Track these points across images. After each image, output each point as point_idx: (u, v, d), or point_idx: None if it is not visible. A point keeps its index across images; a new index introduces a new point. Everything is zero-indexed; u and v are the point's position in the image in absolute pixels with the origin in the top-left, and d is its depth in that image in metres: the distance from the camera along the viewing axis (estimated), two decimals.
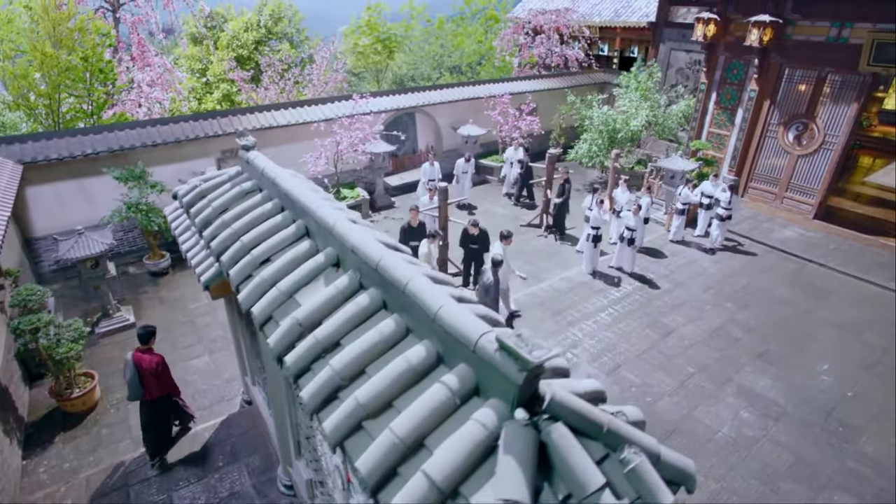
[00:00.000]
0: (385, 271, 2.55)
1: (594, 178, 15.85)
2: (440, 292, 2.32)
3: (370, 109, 13.25)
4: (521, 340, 1.88)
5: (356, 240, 2.82)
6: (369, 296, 2.63)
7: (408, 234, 9.67)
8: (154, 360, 5.90)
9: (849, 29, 11.12)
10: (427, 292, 2.32)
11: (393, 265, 2.54)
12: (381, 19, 23.45)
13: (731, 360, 8.27)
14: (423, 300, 2.30)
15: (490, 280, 7.86)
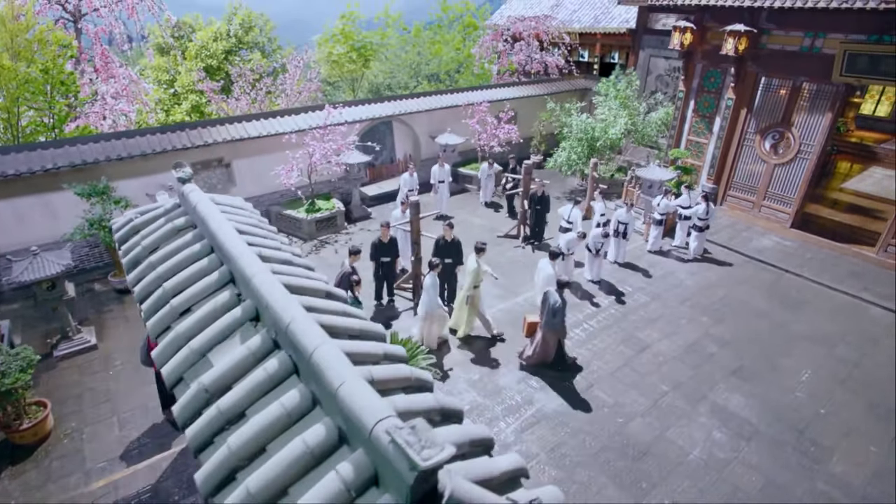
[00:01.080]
0: (293, 336, 2.36)
1: (574, 185, 15.76)
2: (344, 366, 2.13)
3: (344, 119, 13.05)
4: (414, 435, 1.70)
5: (270, 296, 2.63)
6: (279, 361, 2.44)
7: (379, 249, 9.48)
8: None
9: (822, 39, 11.10)
10: (331, 365, 2.14)
11: (301, 330, 2.35)
12: (355, 27, 23.19)
13: (706, 377, 8.17)
14: (325, 374, 2.12)
15: (558, 302, 7.57)
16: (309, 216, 12.75)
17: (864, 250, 11.65)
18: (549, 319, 7.64)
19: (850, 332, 9.31)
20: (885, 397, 7.83)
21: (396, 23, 25.60)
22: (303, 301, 2.84)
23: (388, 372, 2.46)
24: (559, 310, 7.56)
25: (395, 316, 9.84)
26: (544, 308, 7.75)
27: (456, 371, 8.25)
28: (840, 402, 7.73)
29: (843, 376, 8.28)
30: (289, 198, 13.16)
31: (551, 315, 7.59)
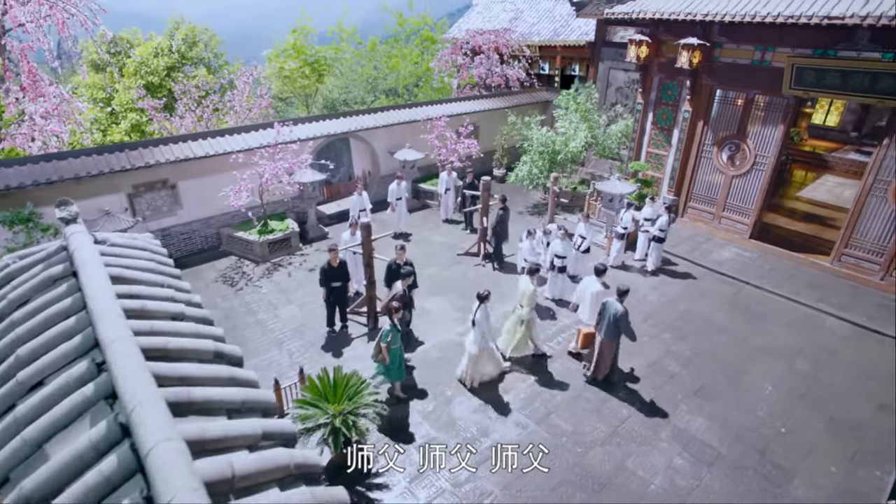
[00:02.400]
0: (133, 427, 1.93)
1: (537, 200, 15.59)
2: (181, 473, 1.71)
3: (297, 137, 12.58)
4: None
5: (120, 370, 2.19)
6: (119, 458, 2.00)
7: (328, 275, 9.02)
8: None
9: (771, 53, 11.21)
10: (164, 470, 1.72)
11: (142, 420, 1.92)
12: (308, 42, 22.70)
13: (667, 398, 7.95)
14: (156, 483, 1.70)
15: (620, 311, 7.60)
16: (261, 238, 12.20)
17: (820, 259, 11.73)
18: (609, 329, 7.70)
19: (808, 345, 9.26)
20: (843, 411, 7.75)
21: (351, 37, 25.15)
22: (175, 371, 2.41)
23: (257, 463, 2.06)
24: (621, 318, 7.63)
25: (348, 343, 9.37)
26: (602, 319, 7.81)
27: (403, 402, 7.84)
28: (800, 419, 7.60)
29: (802, 391, 8.17)
30: (241, 219, 12.58)
31: (612, 324, 7.66)
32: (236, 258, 12.50)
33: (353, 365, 8.65)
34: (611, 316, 7.67)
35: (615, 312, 7.63)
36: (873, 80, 9.87)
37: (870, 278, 10.99)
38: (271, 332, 9.71)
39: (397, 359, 7.51)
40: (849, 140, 19.15)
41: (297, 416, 6.35)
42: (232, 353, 2.96)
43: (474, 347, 7.84)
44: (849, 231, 11.14)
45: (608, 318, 7.72)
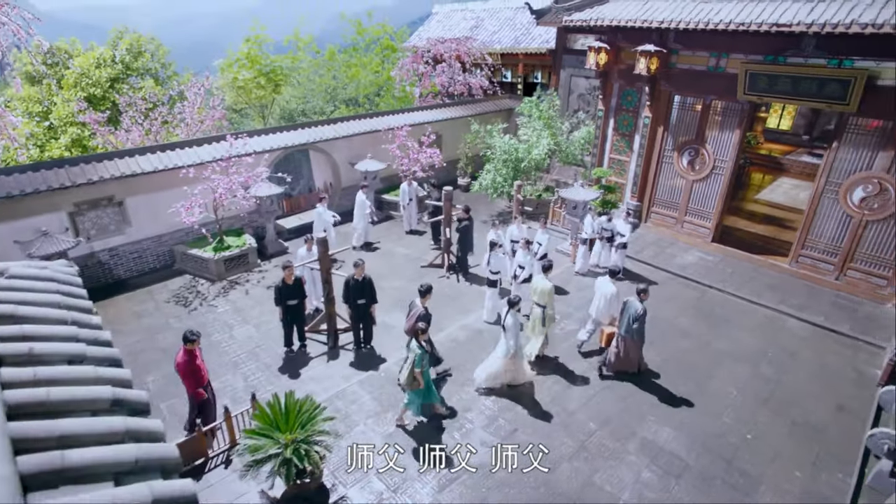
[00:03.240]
0: None
1: (503, 208, 15.47)
2: None
3: (252, 149, 12.15)
4: None
5: None
6: None
7: (283, 293, 8.63)
8: (179, 355, 6.80)
9: (725, 59, 11.37)
10: None
11: None
12: (262, 51, 22.19)
13: (634, 409, 7.82)
14: None
15: (639, 311, 7.82)
16: (216, 255, 11.69)
17: (779, 261, 11.91)
18: (630, 327, 7.92)
19: (770, 348, 9.31)
20: (806, 414, 7.77)
21: (308, 46, 24.64)
22: (49, 430, 2.07)
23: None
24: (640, 318, 7.84)
25: (306, 363, 8.97)
26: (623, 318, 8.05)
27: (357, 418, 7.49)
28: (765, 424, 7.57)
29: (766, 395, 8.17)
30: (195, 236, 12.04)
31: (632, 323, 7.88)
32: (191, 277, 11.94)
33: (310, 386, 8.33)
34: (630, 315, 7.93)
35: (634, 312, 7.90)
36: (821, 86, 10.10)
37: (825, 278, 11.19)
38: (226, 353, 9.24)
39: (428, 380, 7.21)
40: (801, 143, 19.74)
41: (245, 448, 5.96)
42: (136, 399, 2.61)
43: (504, 353, 7.81)
44: (805, 232, 11.34)
45: (628, 316, 7.96)
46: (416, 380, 6.95)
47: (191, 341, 6.73)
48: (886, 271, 10.47)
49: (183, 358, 6.74)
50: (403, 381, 7.02)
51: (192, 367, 6.80)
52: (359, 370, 8.69)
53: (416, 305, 7.89)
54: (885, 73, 9.50)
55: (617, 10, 12.05)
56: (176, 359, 6.81)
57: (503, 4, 20.74)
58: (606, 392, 8.11)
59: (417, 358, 6.85)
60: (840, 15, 9.03)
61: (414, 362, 6.85)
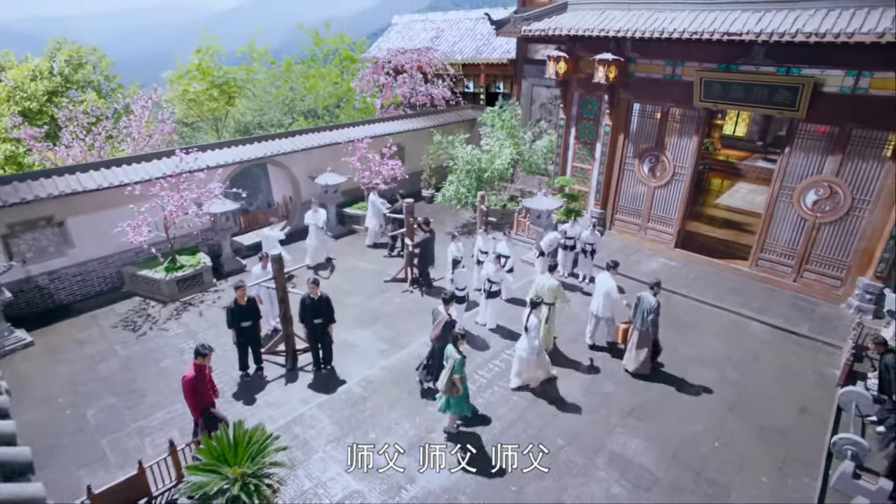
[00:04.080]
0: None
1: (467, 219, 15.31)
2: None
3: (206, 164, 11.66)
4: None
5: None
6: None
7: (235, 314, 8.19)
8: (188, 373, 6.52)
9: (681, 67, 11.55)
10: None
11: None
12: (215, 63, 21.55)
13: (602, 421, 7.66)
14: None
15: (653, 303, 8.13)
16: (168, 275, 11.12)
17: (740, 265, 12.08)
18: (645, 321, 8.23)
19: (735, 352, 9.34)
20: (770, 418, 7.76)
21: (263, 57, 24.03)
22: None
23: None
24: (655, 310, 8.17)
25: (262, 387, 8.51)
26: (637, 313, 8.35)
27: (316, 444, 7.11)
28: (732, 430, 7.53)
29: (733, 400, 8.15)
30: (146, 255, 11.42)
31: (646, 316, 8.20)
32: (141, 299, 11.31)
33: (267, 412, 7.91)
34: (644, 309, 8.24)
35: (648, 305, 8.21)
36: (771, 92, 10.33)
37: (784, 280, 11.39)
38: (177, 380, 8.52)
39: (465, 387, 7.17)
40: (756, 149, 20.32)
41: (189, 485, 5.50)
42: (14, 458, 2.24)
43: (529, 353, 7.96)
44: (763, 236, 11.53)
45: (642, 311, 8.27)
46: (454, 385, 6.90)
47: (202, 355, 6.51)
48: (840, 272, 10.71)
49: (191, 373, 6.46)
50: (442, 388, 6.96)
51: (201, 384, 6.56)
52: (318, 392, 8.30)
53: (440, 313, 7.79)
54: (830, 81, 9.77)
55: (575, 19, 12.11)
56: (184, 374, 6.51)
57: (463, 15, 20.79)
58: (574, 406, 7.93)
59: (457, 364, 6.80)
60: (786, 24, 9.24)
61: (453, 368, 6.79)
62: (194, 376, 6.50)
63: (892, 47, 8.45)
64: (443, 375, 6.92)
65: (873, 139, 9.77)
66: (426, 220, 11.03)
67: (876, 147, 9.78)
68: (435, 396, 7.67)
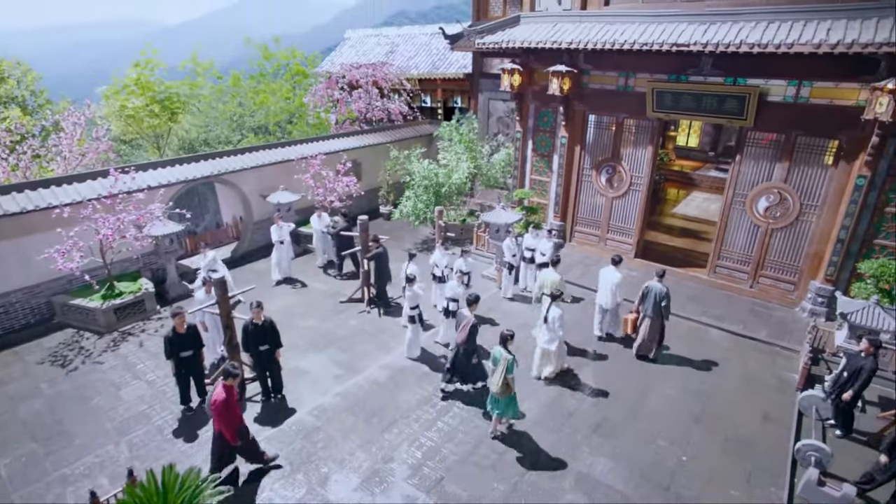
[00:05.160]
0: None
1: (427, 235, 14.99)
2: None
3: (146, 184, 10.98)
4: None
5: None
6: None
7: (175, 344, 7.55)
8: (217, 394, 6.15)
9: (633, 79, 11.66)
10: None
11: None
12: (155, 77, 20.64)
13: (567, 440, 7.37)
14: None
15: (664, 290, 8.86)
16: (105, 304, 10.31)
17: (698, 273, 12.14)
18: (657, 306, 8.84)
19: (697, 361, 9.27)
20: (735, 428, 7.66)
21: (208, 71, 23.21)
22: None
23: None
24: (666, 296, 8.83)
25: (205, 422, 7.85)
26: (647, 301, 8.95)
27: (263, 483, 6.55)
28: (698, 443, 7.36)
29: (698, 411, 8.02)
30: (81, 283, 10.58)
31: (659, 302, 8.81)
32: (74, 331, 10.44)
33: (210, 449, 7.24)
34: (655, 296, 8.82)
35: (658, 293, 8.82)
36: (720, 102, 10.50)
37: (741, 286, 11.50)
38: (110, 419, 7.94)
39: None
40: (708, 159, 20.87)
41: None
42: None
43: (551, 345, 8.30)
44: (719, 243, 11.65)
45: (652, 298, 8.87)
46: (508, 386, 6.88)
47: (232, 376, 6.27)
48: (793, 276, 10.88)
49: (221, 395, 6.15)
50: (496, 389, 6.89)
51: (230, 406, 6.26)
52: (266, 425, 7.71)
53: (465, 316, 7.90)
54: (774, 90, 10.01)
55: (527, 32, 12.11)
56: (213, 396, 6.21)
57: (418, 30, 20.71)
58: (537, 427, 7.61)
59: (510, 364, 6.81)
60: (730, 36, 9.42)
61: (507, 369, 6.77)
62: (225, 398, 6.16)
63: (829, 57, 8.71)
64: (496, 377, 6.87)
65: (816, 146, 10.03)
66: (375, 236, 10.64)
67: (819, 153, 10.04)
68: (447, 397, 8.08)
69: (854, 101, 9.27)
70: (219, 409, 6.17)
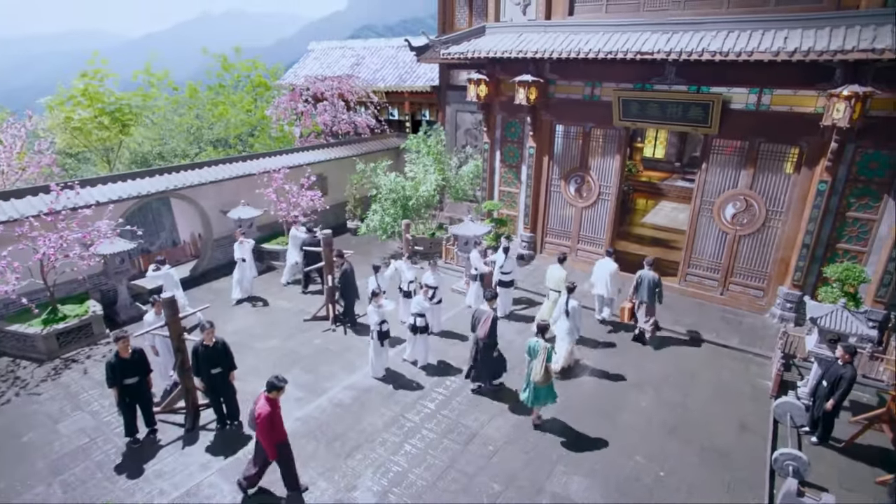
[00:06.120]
0: None
1: (395, 249, 14.61)
2: None
3: (94, 200, 10.34)
4: None
5: None
6: None
7: (117, 370, 6.96)
8: (262, 408, 5.88)
9: (599, 88, 11.64)
10: None
11: None
12: (104, 87, 19.70)
13: (542, 459, 7.03)
14: None
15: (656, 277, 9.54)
16: (45, 329, 9.58)
17: (670, 281, 12.05)
18: (652, 293, 9.52)
19: (671, 371, 9.09)
20: (712, 438, 7.47)
21: (163, 82, 22.43)
22: None
23: None
24: (658, 282, 9.51)
25: (153, 454, 7.24)
26: (641, 289, 9.62)
27: None
28: (675, 456, 7.11)
29: (673, 423, 7.80)
30: (18, 307, 9.81)
31: (653, 288, 9.50)
32: (10, 360, 9.65)
33: (157, 484, 6.70)
34: (648, 283, 9.48)
35: (651, 279, 9.48)
36: (685, 110, 10.54)
37: (711, 294, 11.46)
38: (43, 457, 7.24)
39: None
40: (675, 169, 21.18)
41: None
42: None
43: (571, 333, 8.75)
44: (689, 251, 11.62)
45: (646, 286, 9.51)
46: (549, 373, 7.23)
47: (277, 388, 5.97)
48: (761, 282, 10.89)
49: (266, 409, 5.87)
50: (539, 378, 7.14)
51: (275, 420, 6.00)
52: (220, 455, 7.15)
53: (485, 311, 8.07)
54: (736, 98, 10.09)
55: (493, 42, 12.02)
56: (256, 410, 5.92)
57: (385, 43, 20.55)
58: (508, 446, 7.25)
59: (550, 352, 7.19)
60: (692, 44, 9.46)
61: (547, 357, 7.08)
62: (270, 411, 5.90)
63: (787, 65, 8.81)
64: (537, 366, 7.10)
65: (779, 153, 10.12)
66: (339, 252, 10.24)
67: (782, 160, 10.13)
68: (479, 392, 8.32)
69: (812, 108, 9.40)
70: (264, 423, 5.89)
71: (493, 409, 8.06)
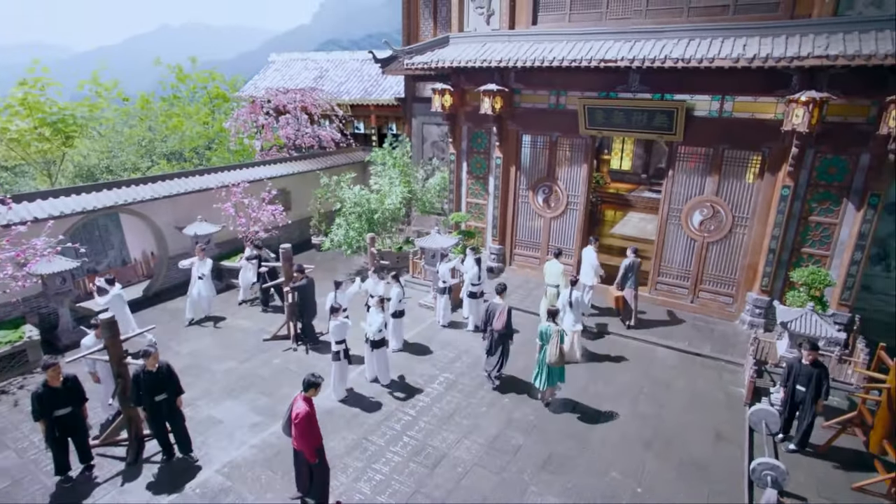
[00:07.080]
0: None
1: (361, 264, 14.15)
2: None
3: (32, 215, 9.61)
4: None
5: None
6: None
7: (47, 401, 6.29)
8: (300, 408, 5.63)
9: (564, 97, 11.59)
10: None
11: None
12: (46, 97, 18.56)
13: (514, 480, 6.63)
14: None
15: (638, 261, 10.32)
16: None
17: (641, 291, 11.91)
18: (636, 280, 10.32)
19: (645, 382, 8.88)
20: (688, 450, 7.24)
21: (111, 92, 21.49)
22: None
23: None
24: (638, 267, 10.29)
25: (87, 493, 6.54)
26: (629, 276, 10.26)
27: None
28: (652, 472, 6.83)
29: (649, 436, 7.54)
30: None
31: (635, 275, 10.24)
32: None
33: None
34: (625, 268, 10.22)
35: (628, 264, 10.24)
36: (650, 117, 10.53)
37: (682, 302, 11.39)
38: None
39: None
40: (641, 181, 21.43)
41: None
42: None
43: (577, 326, 9.13)
44: (658, 260, 11.55)
45: (626, 270, 10.25)
46: (563, 354, 7.65)
47: (315, 385, 5.78)
48: (730, 289, 10.86)
49: (304, 409, 5.60)
50: (555, 360, 7.59)
51: (313, 421, 5.71)
52: (164, 492, 6.49)
53: (499, 304, 8.38)
54: (700, 105, 10.15)
55: (457, 52, 11.87)
56: (294, 410, 5.66)
57: (349, 56, 20.29)
58: (478, 468, 6.84)
59: (563, 334, 7.71)
60: (655, 52, 9.48)
61: (561, 338, 7.59)
62: (309, 411, 5.64)
63: (747, 72, 8.89)
64: (552, 349, 7.54)
65: (743, 159, 10.18)
66: (300, 266, 9.76)
67: (746, 166, 10.18)
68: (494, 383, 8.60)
69: (773, 115, 9.50)
70: (302, 425, 5.58)
71: (465, 422, 7.65)
